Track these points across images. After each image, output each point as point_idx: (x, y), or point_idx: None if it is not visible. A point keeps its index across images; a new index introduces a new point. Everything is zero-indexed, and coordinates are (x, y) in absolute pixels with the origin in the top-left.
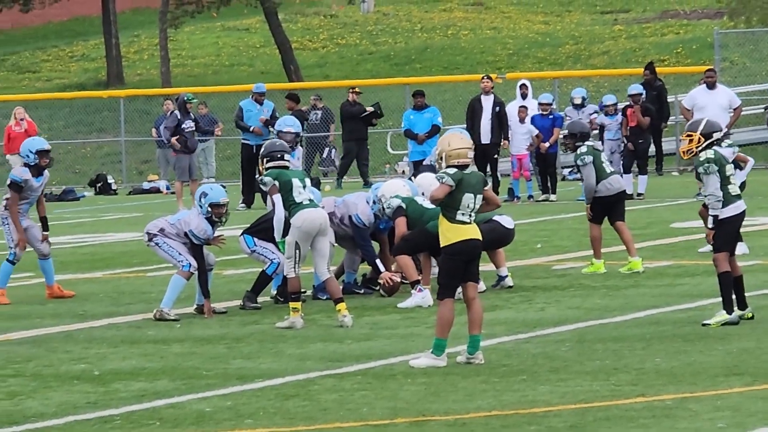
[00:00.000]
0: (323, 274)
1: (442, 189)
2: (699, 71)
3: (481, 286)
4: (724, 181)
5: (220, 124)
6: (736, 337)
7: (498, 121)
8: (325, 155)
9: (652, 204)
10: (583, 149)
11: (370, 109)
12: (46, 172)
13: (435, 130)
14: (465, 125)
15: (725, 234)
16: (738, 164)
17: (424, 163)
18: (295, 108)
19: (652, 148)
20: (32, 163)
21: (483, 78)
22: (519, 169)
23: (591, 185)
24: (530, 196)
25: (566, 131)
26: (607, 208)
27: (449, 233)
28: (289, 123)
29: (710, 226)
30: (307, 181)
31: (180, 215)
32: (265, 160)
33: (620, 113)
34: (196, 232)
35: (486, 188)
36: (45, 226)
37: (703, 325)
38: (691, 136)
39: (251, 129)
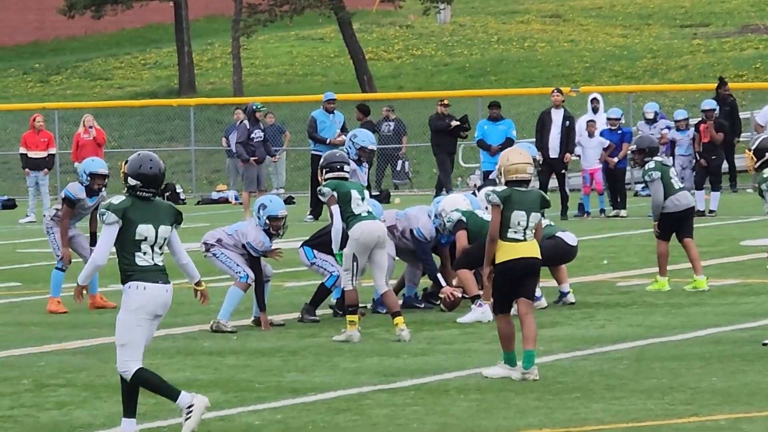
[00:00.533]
0: (381, 287)
1: (494, 211)
2: None
3: (543, 302)
4: None
5: (287, 133)
6: None
7: (567, 136)
8: (398, 168)
9: (724, 221)
10: (651, 164)
11: (455, 123)
12: (103, 192)
13: (509, 143)
14: (534, 139)
15: None
16: None
17: (490, 177)
18: (364, 120)
19: (726, 165)
20: (85, 184)
21: (553, 91)
22: (591, 184)
23: (658, 201)
24: (602, 210)
25: (635, 146)
26: (674, 225)
27: (500, 251)
28: (372, 140)
29: None
30: (366, 193)
31: (238, 226)
32: (324, 170)
33: (693, 129)
34: (254, 244)
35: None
36: (93, 241)
37: (764, 344)
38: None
39: (327, 141)
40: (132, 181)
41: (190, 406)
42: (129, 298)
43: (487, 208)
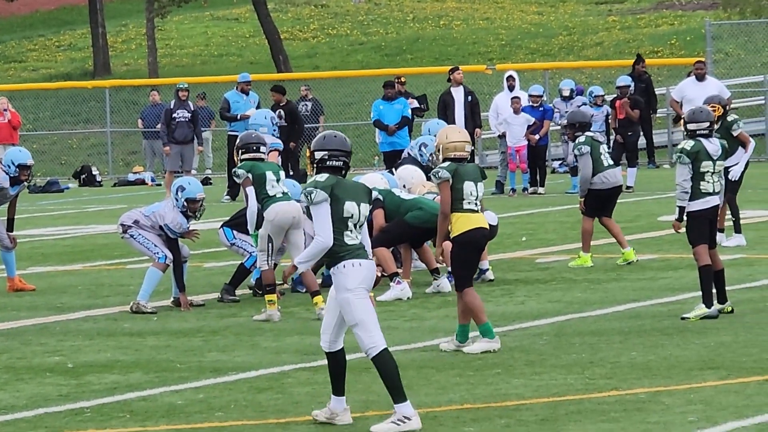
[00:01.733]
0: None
1: (443, 187)
2: (692, 63)
3: (490, 274)
4: (698, 176)
5: (212, 122)
6: (714, 331)
7: (472, 111)
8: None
9: (641, 197)
10: (582, 139)
11: (413, 101)
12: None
13: (404, 122)
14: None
15: (696, 227)
16: (742, 144)
17: (404, 154)
18: (282, 100)
19: (643, 141)
20: (12, 175)
21: (453, 70)
22: (516, 160)
23: (586, 176)
24: (525, 188)
25: (566, 121)
26: (600, 202)
27: (459, 223)
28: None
29: (676, 217)
30: (282, 174)
31: (155, 207)
32: (240, 151)
33: (607, 105)
34: (171, 226)
35: None
36: (10, 227)
37: (682, 318)
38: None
39: (238, 116)
40: (318, 154)
41: (407, 418)
42: (346, 277)
43: (404, 186)
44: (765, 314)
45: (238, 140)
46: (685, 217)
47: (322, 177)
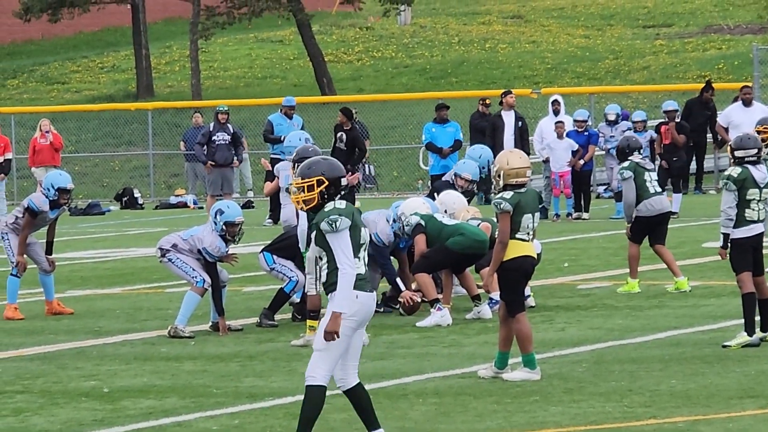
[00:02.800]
0: None
1: (504, 219)
2: (739, 88)
3: (531, 301)
4: (743, 203)
5: (243, 140)
6: (755, 359)
7: (521, 137)
8: (365, 171)
9: (687, 223)
10: (625, 164)
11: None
12: (65, 206)
13: (457, 146)
14: (485, 142)
15: (739, 255)
16: None
17: (443, 179)
18: (346, 124)
19: (694, 166)
20: (51, 198)
21: (506, 94)
22: (560, 186)
23: (629, 201)
24: (569, 214)
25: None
26: (647, 229)
27: (508, 249)
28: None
29: (721, 244)
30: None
31: (193, 231)
32: (296, 165)
33: (650, 130)
34: (209, 250)
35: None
36: (49, 251)
37: (724, 346)
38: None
39: (282, 138)
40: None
41: None
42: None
43: (445, 210)
44: None
45: (294, 154)
46: (729, 244)
47: (342, 203)
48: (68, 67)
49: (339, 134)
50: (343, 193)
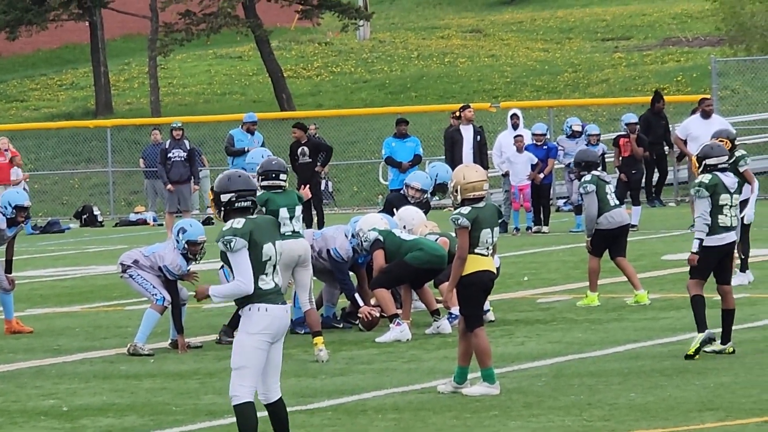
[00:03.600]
0: (305, 305)
1: (462, 234)
2: (698, 100)
3: (490, 315)
4: (716, 209)
5: (203, 157)
6: (714, 371)
7: (480, 151)
8: (322, 187)
9: (646, 235)
10: (587, 177)
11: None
12: (23, 223)
13: (417, 160)
14: (444, 157)
15: (703, 262)
16: (747, 181)
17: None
18: (302, 138)
19: (656, 177)
20: (8, 216)
21: (464, 107)
22: (519, 199)
23: (591, 215)
24: (528, 227)
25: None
26: (607, 242)
27: (468, 264)
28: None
29: (694, 249)
30: (298, 209)
31: (155, 248)
32: (260, 177)
33: (602, 145)
34: (170, 268)
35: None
36: (8, 269)
37: (686, 357)
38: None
39: (246, 149)
40: (225, 197)
41: None
42: (250, 320)
43: (404, 227)
44: (766, 355)
45: (258, 167)
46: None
47: (239, 223)
48: (27, 85)
49: (300, 149)
50: (247, 207)
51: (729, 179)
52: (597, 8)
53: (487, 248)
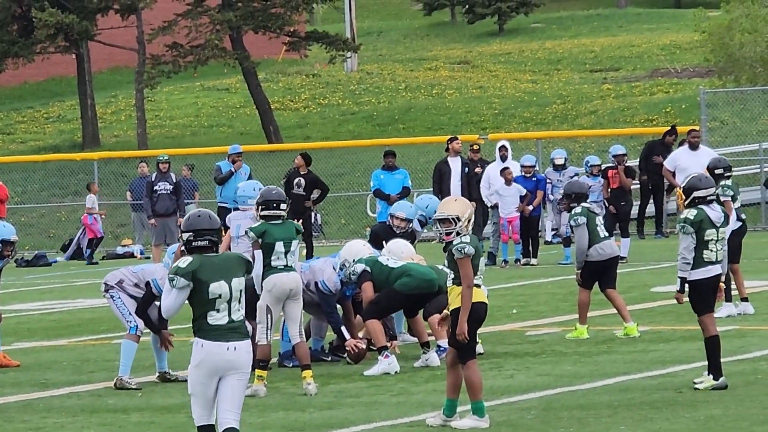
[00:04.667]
0: (294, 338)
1: (467, 263)
2: (686, 131)
3: (480, 348)
4: (701, 244)
5: (195, 194)
6: (704, 404)
7: (468, 183)
8: (311, 220)
9: (635, 267)
10: (578, 210)
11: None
12: (8, 258)
13: (405, 192)
14: (432, 189)
15: (700, 296)
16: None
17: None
18: (303, 169)
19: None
20: None
21: (452, 140)
22: (508, 231)
23: (582, 247)
24: (517, 260)
25: (563, 192)
26: (597, 274)
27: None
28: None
29: (677, 288)
30: (294, 244)
31: (145, 266)
32: (260, 207)
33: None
34: (159, 283)
35: None
36: None
37: (695, 388)
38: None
39: (232, 170)
40: (185, 236)
41: None
42: (193, 352)
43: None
44: (756, 387)
45: (259, 196)
46: (686, 288)
47: (184, 262)
48: (13, 118)
49: (296, 180)
50: (205, 246)
51: (715, 213)
52: (585, 39)
53: (481, 278)
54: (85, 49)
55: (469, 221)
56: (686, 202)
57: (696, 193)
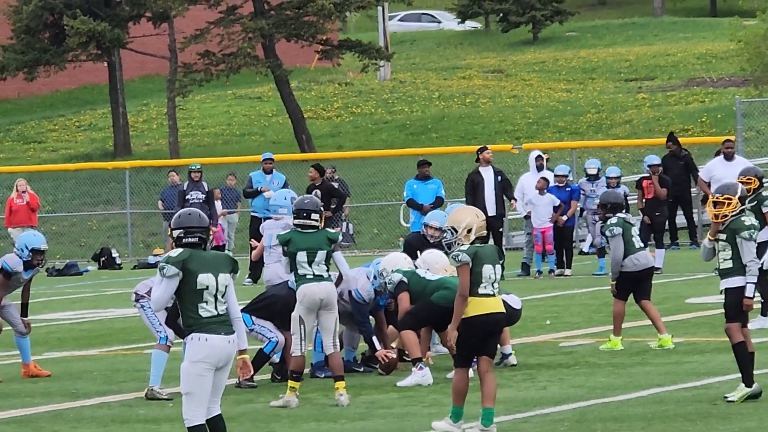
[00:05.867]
0: (328, 348)
1: (463, 270)
2: (721, 141)
3: (513, 359)
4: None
5: (238, 204)
6: (739, 416)
7: (501, 191)
8: (343, 230)
9: (670, 278)
10: (614, 220)
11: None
12: (39, 267)
13: (439, 202)
14: (465, 200)
15: (734, 303)
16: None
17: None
18: (317, 180)
19: (682, 220)
20: (25, 259)
21: (482, 149)
22: (541, 242)
23: (618, 258)
24: (551, 270)
25: (599, 202)
26: (632, 284)
27: (471, 306)
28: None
29: (749, 294)
30: (321, 254)
31: None
32: (293, 216)
33: (624, 186)
34: None
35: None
36: (24, 313)
37: (728, 401)
38: (730, 199)
39: (259, 189)
40: (176, 233)
41: None
42: (191, 348)
43: (428, 269)
44: None
45: (293, 204)
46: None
47: (176, 252)
48: (45, 126)
49: (314, 192)
50: (194, 242)
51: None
52: (620, 48)
53: (493, 285)
54: (117, 57)
55: (469, 231)
56: (739, 208)
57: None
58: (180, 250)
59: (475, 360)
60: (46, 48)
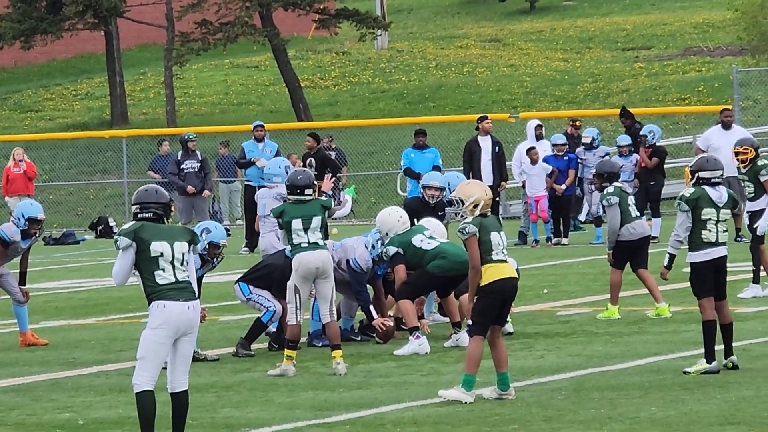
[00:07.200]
0: (325, 317)
1: (471, 242)
2: (719, 110)
3: (509, 327)
4: (699, 223)
5: (238, 172)
6: (736, 385)
7: (498, 162)
8: (341, 198)
9: (666, 247)
10: (610, 189)
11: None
12: (37, 235)
13: (436, 171)
14: (463, 168)
15: (698, 279)
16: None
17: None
18: (313, 147)
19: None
20: (22, 228)
21: (482, 118)
22: (536, 211)
23: (615, 227)
24: (548, 239)
25: (595, 171)
26: (629, 254)
27: (488, 273)
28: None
29: (665, 263)
30: (316, 220)
31: None
32: (287, 190)
33: (635, 155)
34: None
35: None
36: (23, 281)
37: (684, 373)
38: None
39: (251, 160)
40: (133, 208)
41: None
42: (151, 316)
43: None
44: None
45: (286, 179)
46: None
47: (128, 225)
48: (42, 95)
49: (308, 160)
50: (149, 217)
51: (716, 193)
52: (617, 18)
53: (503, 251)
54: (114, 26)
55: (475, 206)
56: (692, 182)
57: (701, 174)
58: (133, 222)
59: None
60: (43, 17)
